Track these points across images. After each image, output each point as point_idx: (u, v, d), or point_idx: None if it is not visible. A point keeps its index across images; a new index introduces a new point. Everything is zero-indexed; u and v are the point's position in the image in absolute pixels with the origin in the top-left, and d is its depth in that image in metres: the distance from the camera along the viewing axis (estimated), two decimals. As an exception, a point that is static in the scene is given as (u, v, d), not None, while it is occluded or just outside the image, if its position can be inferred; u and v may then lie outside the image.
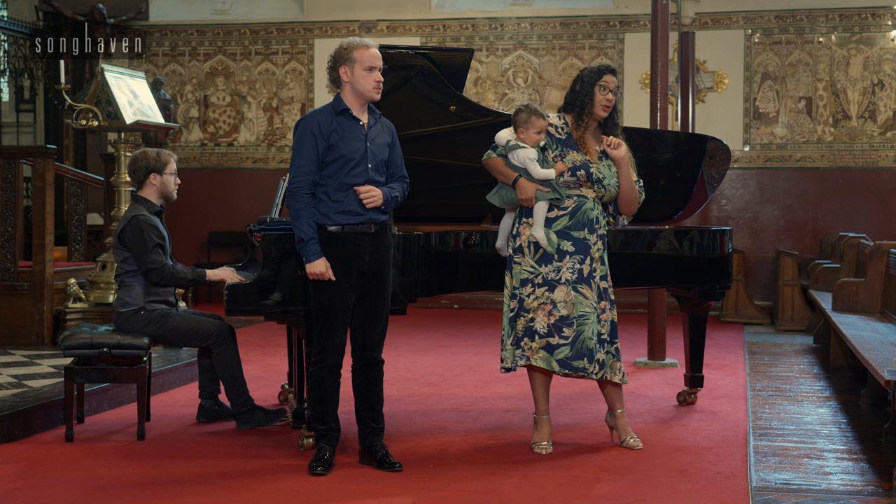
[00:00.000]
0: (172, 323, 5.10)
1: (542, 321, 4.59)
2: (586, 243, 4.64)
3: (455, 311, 10.85)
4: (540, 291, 4.61)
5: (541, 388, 4.75)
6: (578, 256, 4.62)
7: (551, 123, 4.73)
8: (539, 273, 4.62)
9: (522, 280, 4.65)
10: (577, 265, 4.62)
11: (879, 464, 4.53)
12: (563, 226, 4.64)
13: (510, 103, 11.32)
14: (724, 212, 11.02)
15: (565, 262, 4.61)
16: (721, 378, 6.69)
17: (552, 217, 4.64)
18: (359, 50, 4.33)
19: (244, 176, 11.92)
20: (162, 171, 5.20)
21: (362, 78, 4.32)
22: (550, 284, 4.60)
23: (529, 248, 4.66)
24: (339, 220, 4.34)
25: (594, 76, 4.67)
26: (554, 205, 4.64)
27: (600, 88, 4.65)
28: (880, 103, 10.75)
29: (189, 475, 4.33)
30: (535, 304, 4.61)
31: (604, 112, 4.68)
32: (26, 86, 12.44)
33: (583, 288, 4.61)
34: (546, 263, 4.62)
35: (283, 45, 11.88)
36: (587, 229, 4.65)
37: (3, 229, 7.18)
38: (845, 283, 7.24)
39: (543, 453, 4.66)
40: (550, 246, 4.61)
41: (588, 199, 4.67)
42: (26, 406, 5.00)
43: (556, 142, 4.70)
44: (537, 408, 4.77)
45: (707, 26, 10.93)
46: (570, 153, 4.68)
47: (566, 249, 4.62)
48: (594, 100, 4.66)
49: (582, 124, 4.71)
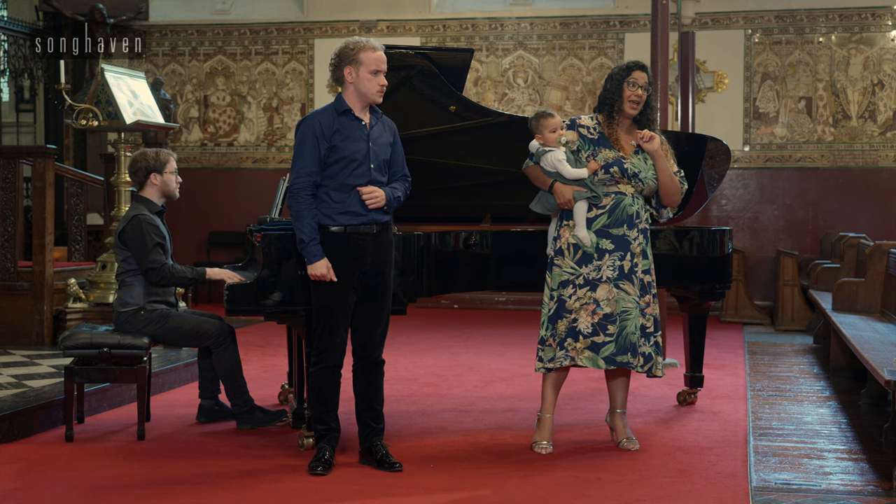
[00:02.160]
0: (172, 323, 5.10)
1: (585, 321, 4.60)
2: (626, 239, 4.64)
3: (455, 311, 10.85)
4: (582, 292, 4.62)
5: (552, 387, 4.74)
6: (619, 253, 4.62)
7: (583, 125, 4.74)
8: (580, 274, 4.63)
9: (562, 282, 4.65)
10: (618, 262, 4.62)
11: (879, 464, 4.53)
12: (601, 224, 4.64)
13: (510, 103, 11.32)
14: (724, 212, 11.02)
15: (605, 260, 4.62)
16: (721, 378, 6.69)
17: (591, 217, 4.65)
18: (366, 52, 4.31)
19: (244, 176, 11.92)
20: (162, 171, 5.20)
21: (367, 81, 4.31)
22: (592, 284, 4.61)
23: (569, 250, 4.66)
24: (342, 220, 4.33)
25: (623, 73, 4.68)
26: (592, 204, 4.65)
27: (629, 85, 4.64)
28: (880, 103, 10.75)
29: (189, 475, 4.33)
30: (578, 304, 4.61)
31: (632, 108, 4.67)
32: (26, 86, 12.44)
33: (624, 284, 4.62)
34: (586, 264, 4.63)
35: (283, 45, 11.88)
36: (626, 225, 4.65)
37: (3, 229, 7.18)
38: (845, 283, 7.24)
39: (543, 453, 4.67)
40: (591, 247, 4.62)
41: (626, 195, 4.67)
42: (26, 406, 5.00)
43: (589, 142, 4.71)
44: (543, 405, 4.76)
45: (707, 26, 10.93)
46: (603, 151, 4.67)
47: (605, 248, 4.63)
48: (623, 96, 4.66)
49: (613, 122, 4.71)
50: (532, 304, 10.78)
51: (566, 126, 4.75)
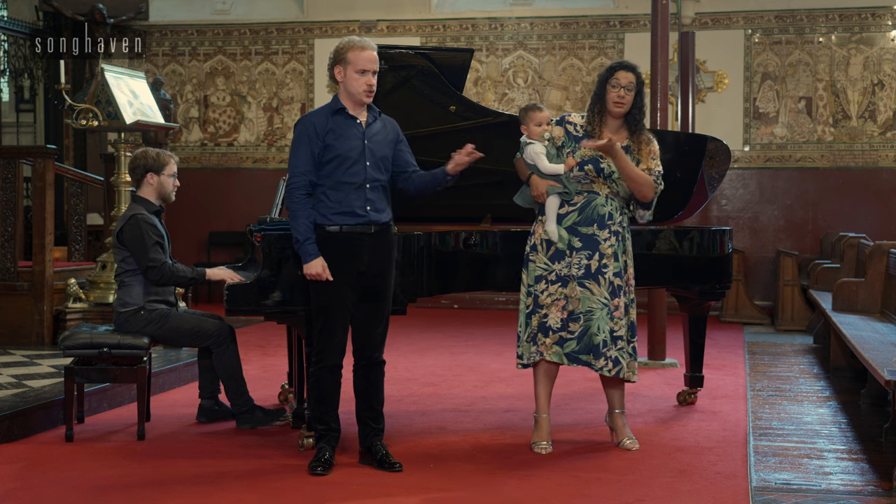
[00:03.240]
0: (172, 323, 5.10)
1: (555, 317, 4.63)
2: (595, 239, 4.64)
3: (455, 311, 10.85)
4: (553, 288, 4.65)
5: (543, 387, 4.75)
6: (586, 252, 4.63)
7: (571, 121, 4.76)
8: (552, 270, 4.66)
9: (537, 277, 4.68)
10: (585, 261, 4.63)
11: (879, 464, 4.53)
12: (572, 221, 4.66)
13: (510, 103, 11.32)
14: (724, 212, 11.02)
15: (574, 257, 4.64)
16: (721, 378, 6.69)
17: (563, 213, 4.67)
18: (353, 51, 4.31)
19: (244, 176, 11.92)
20: (160, 172, 5.19)
21: (353, 81, 4.31)
22: (563, 280, 4.64)
23: (543, 245, 4.69)
24: (338, 220, 4.34)
25: (606, 74, 4.69)
26: (564, 200, 4.67)
27: (612, 86, 4.65)
28: (880, 103, 10.75)
29: (189, 475, 4.33)
30: (549, 300, 4.65)
31: (616, 108, 4.66)
32: (26, 86, 12.44)
33: (590, 283, 4.62)
34: (559, 260, 4.65)
35: (283, 45, 11.88)
36: (597, 225, 4.65)
37: (3, 229, 7.18)
38: (845, 283, 7.24)
39: (543, 453, 4.67)
40: (561, 242, 4.64)
41: (599, 195, 4.67)
42: (26, 406, 5.00)
43: (573, 139, 4.72)
44: (538, 406, 4.77)
45: (707, 26, 10.93)
46: (583, 149, 4.68)
47: (574, 245, 4.65)
48: (606, 97, 4.66)
49: (596, 121, 4.70)
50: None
51: (554, 122, 4.78)
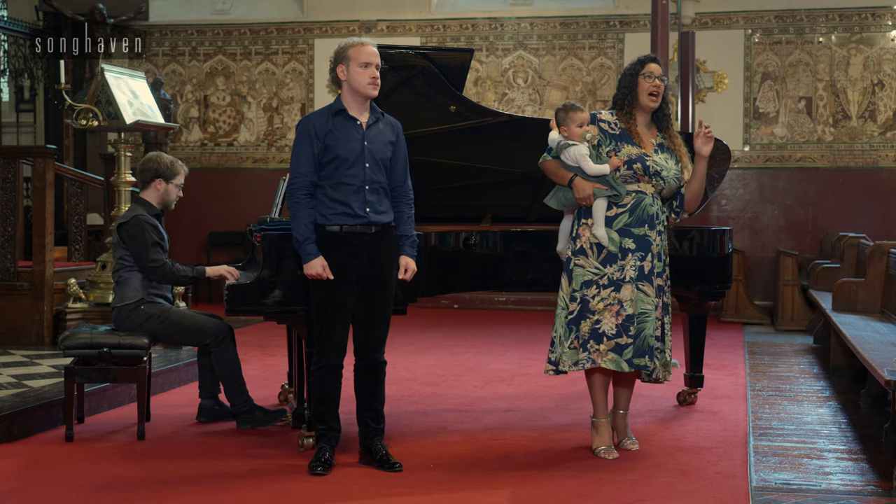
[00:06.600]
0: (173, 318, 5.10)
1: (609, 322, 4.48)
2: (647, 240, 4.53)
3: (455, 311, 10.85)
4: (606, 293, 4.50)
5: (600, 391, 4.65)
6: (640, 253, 4.51)
7: (603, 119, 4.61)
8: (604, 274, 4.51)
9: (586, 282, 4.52)
10: (639, 262, 4.51)
11: (879, 464, 4.53)
12: (623, 223, 4.52)
13: (510, 103, 11.33)
14: (724, 212, 11.02)
15: (628, 259, 4.51)
16: (721, 378, 6.69)
17: (611, 215, 4.52)
18: (354, 48, 4.35)
19: (244, 176, 11.92)
20: (169, 180, 5.24)
21: (357, 74, 4.33)
22: (616, 284, 4.50)
23: (592, 249, 4.54)
24: (338, 220, 4.34)
25: (637, 66, 4.59)
26: (612, 202, 4.52)
27: (645, 77, 4.54)
28: (880, 103, 10.75)
29: (189, 475, 4.33)
30: (602, 305, 4.50)
31: (651, 101, 4.56)
32: (26, 86, 12.44)
33: (644, 285, 4.51)
34: (611, 263, 4.51)
35: (283, 45, 11.88)
36: (647, 225, 4.53)
37: (3, 229, 7.18)
38: (845, 283, 7.24)
39: (609, 458, 4.54)
40: (613, 245, 4.51)
41: (647, 195, 4.55)
42: (26, 406, 5.00)
43: (610, 137, 4.58)
44: (596, 411, 4.67)
45: (707, 26, 10.93)
46: (625, 147, 4.55)
47: (628, 247, 4.51)
48: (639, 89, 4.55)
49: (631, 118, 4.59)
50: (532, 305, 10.78)
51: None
